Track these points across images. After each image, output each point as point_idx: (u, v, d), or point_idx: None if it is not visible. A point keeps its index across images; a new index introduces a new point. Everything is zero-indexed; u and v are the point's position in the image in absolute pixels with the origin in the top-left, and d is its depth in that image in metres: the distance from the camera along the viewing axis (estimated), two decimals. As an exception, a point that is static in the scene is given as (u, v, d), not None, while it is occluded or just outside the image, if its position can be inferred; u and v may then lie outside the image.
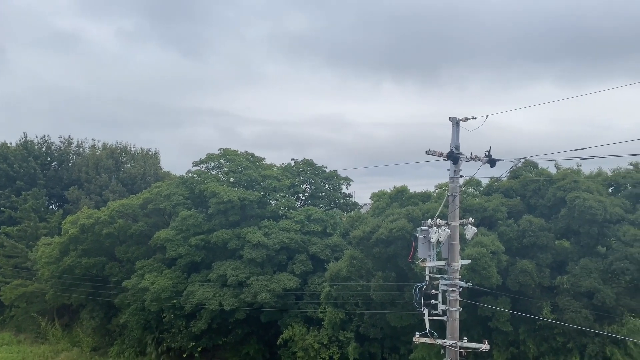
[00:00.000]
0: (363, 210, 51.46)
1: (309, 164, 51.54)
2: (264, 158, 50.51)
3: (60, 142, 78.55)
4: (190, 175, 47.90)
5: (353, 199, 53.94)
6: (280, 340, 38.99)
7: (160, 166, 76.97)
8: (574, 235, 29.60)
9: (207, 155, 48.73)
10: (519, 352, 29.19)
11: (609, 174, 32.09)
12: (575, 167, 31.95)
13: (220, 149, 49.28)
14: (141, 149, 77.76)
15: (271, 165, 50.77)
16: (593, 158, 15.33)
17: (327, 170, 51.40)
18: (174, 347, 44.29)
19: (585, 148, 14.34)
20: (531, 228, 28.73)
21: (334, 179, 51.47)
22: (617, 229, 27.61)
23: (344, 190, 52.44)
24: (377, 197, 38.02)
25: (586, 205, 27.32)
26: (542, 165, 33.35)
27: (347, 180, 51.86)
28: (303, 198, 51.47)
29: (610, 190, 32.02)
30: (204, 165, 48.51)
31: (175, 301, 41.95)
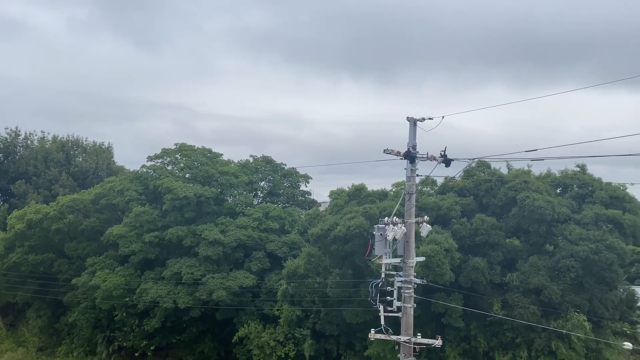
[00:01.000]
0: (322, 208, 51.56)
1: (267, 161, 51.24)
2: (222, 154, 49.90)
3: (7, 133, 75.10)
4: (145, 170, 46.83)
5: (312, 197, 54.04)
6: (235, 338, 38.67)
7: (113, 160, 74.80)
8: (523, 234, 30.64)
9: (162, 150, 47.71)
10: (470, 347, 30.00)
11: (558, 175, 33.39)
12: (526, 168, 33.14)
13: (176, 144, 48.36)
14: (94, 142, 75.34)
15: (229, 162, 50.20)
16: (543, 159, 15.92)
17: (286, 168, 51.25)
18: (125, 346, 43.23)
19: (536, 150, 14.85)
20: (483, 227, 29.55)
21: (293, 177, 51.37)
22: (564, 228, 28.76)
23: (302, 187, 52.44)
24: (335, 195, 38.22)
25: (535, 205, 28.34)
26: (494, 165, 34.40)
27: (306, 178, 51.87)
28: (261, 195, 51.16)
29: (558, 190, 33.32)
30: (159, 161, 47.47)
31: (127, 299, 40.95)
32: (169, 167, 47.12)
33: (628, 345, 26.08)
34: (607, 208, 29.63)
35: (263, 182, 51.06)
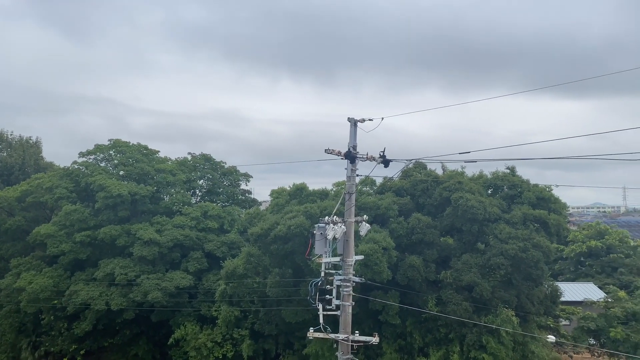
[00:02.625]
0: (262, 207, 51.25)
1: (206, 158, 50.30)
2: (158, 151, 48.52)
3: None
4: (76, 167, 44.77)
5: (252, 196, 53.60)
6: (171, 340, 37.76)
7: (42, 156, 70.74)
8: (457, 233, 31.76)
9: (95, 146, 45.74)
10: (406, 343, 30.75)
11: (489, 176, 34.84)
12: (459, 170, 34.34)
13: (110, 140, 46.50)
14: (20, 136, 71.01)
15: (166, 159, 48.85)
16: (476, 161, 16.52)
17: (226, 166, 50.54)
18: (53, 351, 41.13)
19: (469, 152, 15.39)
20: (419, 225, 30.38)
21: (233, 175, 50.71)
22: (494, 227, 30.06)
23: (243, 186, 51.92)
24: (276, 194, 38.07)
25: (468, 205, 29.46)
26: (430, 166, 35.47)
27: (247, 177, 51.36)
28: (200, 194, 50.18)
29: (489, 191, 34.78)
30: (92, 157, 45.51)
31: (56, 302, 39.02)
32: (102, 164, 45.30)
33: (551, 338, 27.57)
34: (534, 208, 31.25)
35: (202, 181, 50.13)
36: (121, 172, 44.40)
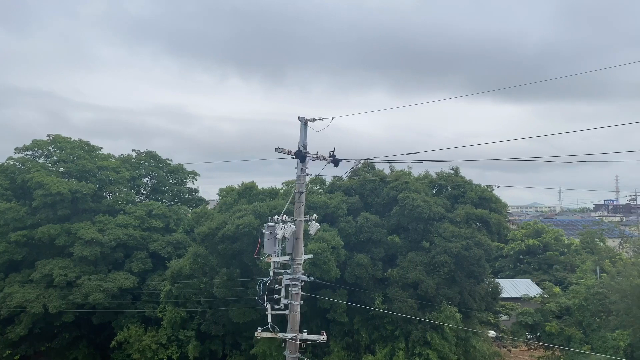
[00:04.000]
0: (210, 206, 50.52)
1: (151, 156, 48.99)
2: (101, 147, 46.88)
3: None
4: (12, 163, 42.54)
5: (199, 194, 52.68)
6: (114, 342, 36.58)
7: (-28, 151, 66.81)
8: (403, 231, 32.43)
9: (33, 141, 43.60)
10: (353, 341, 31.11)
11: (434, 176, 35.79)
12: (406, 170, 35.08)
13: (49, 135, 44.46)
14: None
15: (109, 156, 47.23)
16: (422, 162, 16.92)
17: (172, 164, 49.41)
18: (-16, 357, 38.92)
19: (416, 152, 15.79)
20: (367, 224, 30.82)
21: (180, 173, 49.66)
22: (439, 226, 30.90)
23: (189, 185, 50.93)
24: (225, 192, 37.62)
25: (414, 204, 30.15)
26: (378, 166, 36.05)
27: (194, 175, 50.41)
28: (144, 192, 48.82)
29: (434, 191, 35.74)
30: (29, 153, 43.38)
31: (-13, 305, 36.91)
32: (41, 160, 43.26)
33: (492, 333, 28.69)
34: (476, 208, 32.35)
35: (146, 179, 48.81)
36: (61, 169, 42.58)
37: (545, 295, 34.72)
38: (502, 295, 36.62)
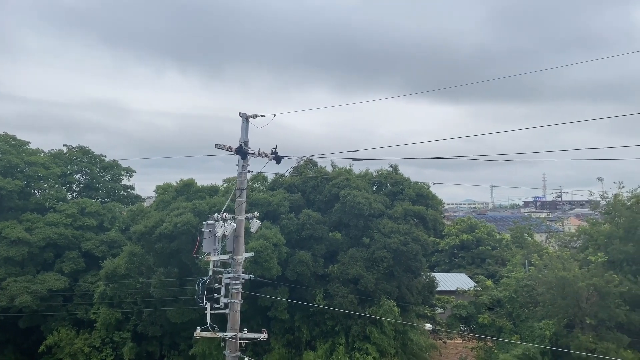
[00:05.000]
0: (146, 204, 49.02)
1: (84, 151, 46.88)
2: (29, 142, 44.40)
3: None
4: None
5: (135, 192, 51.00)
6: (43, 347, 34.85)
7: None
8: (345, 228, 32.83)
9: (-49, 134, 40.63)
10: (294, 338, 31.19)
11: (374, 174, 36.44)
12: (348, 167, 35.54)
13: (-30, 128, 41.55)
14: None
15: (37, 151, 44.77)
16: (362, 159, 17.22)
17: (107, 160, 47.50)
18: None
19: (357, 150, 16.04)
20: (309, 221, 30.96)
21: (114, 169, 47.82)
22: (378, 222, 31.52)
23: (125, 181, 49.16)
24: (162, 189, 36.67)
25: (355, 201, 30.58)
26: (320, 164, 36.25)
27: (129, 171, 48.70)
28: (76, 189, 46.66)
29: (374, 188, 36.40)
30: (-53, 147, 40.38)
31: None
32: (-40, 155, 40.38)
33: (428, 326, 29.59)
34: (414, 204, 33.25)
35: (79, 175, 46.67)
36: (-17, 165, 39.94)
37: (478, 288, 36.17)
38: (438, 288, 37.86)
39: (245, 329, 15.99)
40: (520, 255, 39.11)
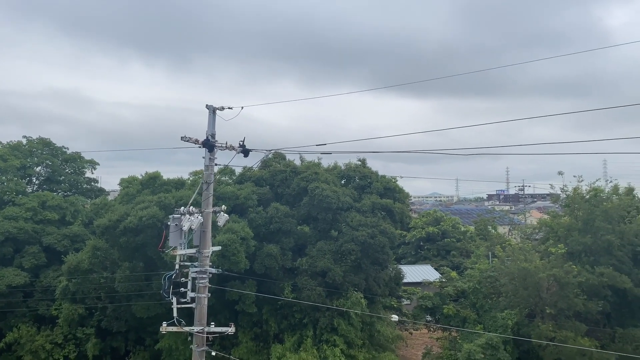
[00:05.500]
0: (110, 197, 48.00)
1: (45, 143, 45.50)
2: (-15, 133, 42.81)
3: None
4: None
5: (99, 185, 49.87)
6: (2, 344, 33.87)
7: None
8: (313, 221, 32.90)
9: None
10: (262, 331, 31.16)
11: (343, 167, 36.60)
12: (316, 161, 35.54)
13: None
14: None
15: (-5, 142, 43.23)
16: (331, 153, 17.25)
17: (69, 152, 46.25)
18: None
19: (325, 144, 16.07)
20: (278, 215, 30.89)
21: (77, 162, 46.60)
22: (346, 215, 31.71)
23: (88, 174, 48.01)
24: (126, 183, 35.98)
25: (324, 195, 30.67)
26: (289, 157, 36.16)
27: (92, 164, 47.54)
28: (37, 182, 45.29)
29: (343, 181, 36.57)
30: None
31: None
32: None
33: (395, 317, 30.00)
34: (381, 198, 33.57)
35: (39, 167, 45.30)
36: (-64, 156, 38.31)
37: (444, 280, 36.86)
38: (405, 280, 38.43)
39: (212, 323, 15.88)
40: (484, 247, 40.01)
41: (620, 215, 29.92)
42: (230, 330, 15.84)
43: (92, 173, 48.14)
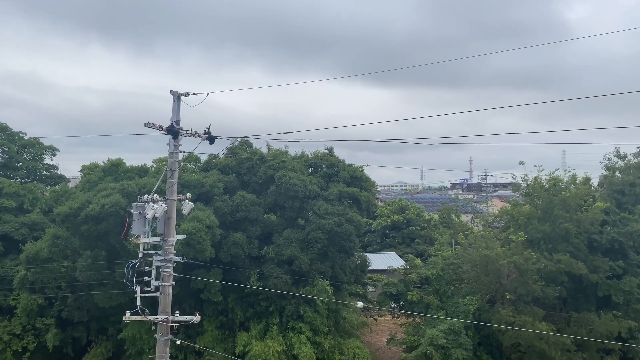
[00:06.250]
0: (71, 184, 46.75)
1: (1, 128, 43.82)
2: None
3: None
4: None
5: (59, 172, 48.41)
6: (-45, 337, 32.62)
7: None
8: (280, 209, 32.85)
9: None
10: (227, 319, 31.07)
11: (310, 156, 36.58)
12: (283, 149, 35.41)
13: None
14: None
15: (-53, 127, 41.38)
16: (298, 141, 17.19)
17: (26, 137, 44.69)
18: None
19: (292, 132, 16.01)
20: (244, 203, 30.71)
21: (35, 148, 45.09)
22: (313, 204, 31.78)
23: (47, 161, 46.55)
24: (88, 170, 35.06)
25: (291, 183, 30.64)
26: (256, 145, 35.88)
27: (52, 150, 46.11)
28: (-7, 168, 43.63)
29: (310, 170, 36.58)
30: None
31: None
32: None
33: (360, 304, 30.33)
34: (348, 186, 33.77)
35: (-5, 153, 43.61)
36: None
37: (408, 267, 37.45)
38: (370, 268, 38.89)
39: (177, 312, 15.75)
40: (447, 235, 40.77)
41: (578, 204, 30.95)
42: (195, 318, 15.73)
43: (52, 160, 46.76)
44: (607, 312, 28.13)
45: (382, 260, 47.91)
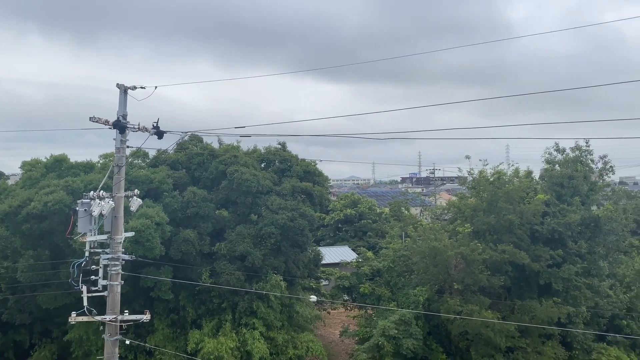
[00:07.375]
0: (10, 181, 44.61)
1: None
2: None
3: None
4: None
5: (-3, 168, 46.01)
6: None
7: None
8: (232, 205, 32.56)
9: None
10: (179, 317, 30.58)
11: (263, 151, 36.40)
12: (235, 144, 35.06)
13: None
14: None
15: None
16: (250, 136, 17.14)
17: (-40, 132, 42.21)
18: None
19: (244, 127, 15.95)
20: (195, 199, 30.24)
21: (-30, 143, 42.70)
22: (266, 199, 31.68)
23: (-17, 156, 44.14)
24: (29, 166, 33.50)
25: (243, 178, 30.41)
26: (206, 139, 35.36)
27: (-11, 145, 43.81)
28: None
29: (263, 165, 36.41)
30: None
31: None
32: None
33: (313, 298, 30.55)
34: (301, 181, 33.85)
35: None
36: None
37: (360, 260, 37.96)
38: (323, 261, 39.18)
39: (126, 311, 15.41)
40: (397, 228, 41.57)
41: (520, 196, 32.23)
42: (145, 317, 15.45)
43: (-11, 155, 44.38)
44: (548, 299, 29.50)
45: (335, 254, 48.39)
